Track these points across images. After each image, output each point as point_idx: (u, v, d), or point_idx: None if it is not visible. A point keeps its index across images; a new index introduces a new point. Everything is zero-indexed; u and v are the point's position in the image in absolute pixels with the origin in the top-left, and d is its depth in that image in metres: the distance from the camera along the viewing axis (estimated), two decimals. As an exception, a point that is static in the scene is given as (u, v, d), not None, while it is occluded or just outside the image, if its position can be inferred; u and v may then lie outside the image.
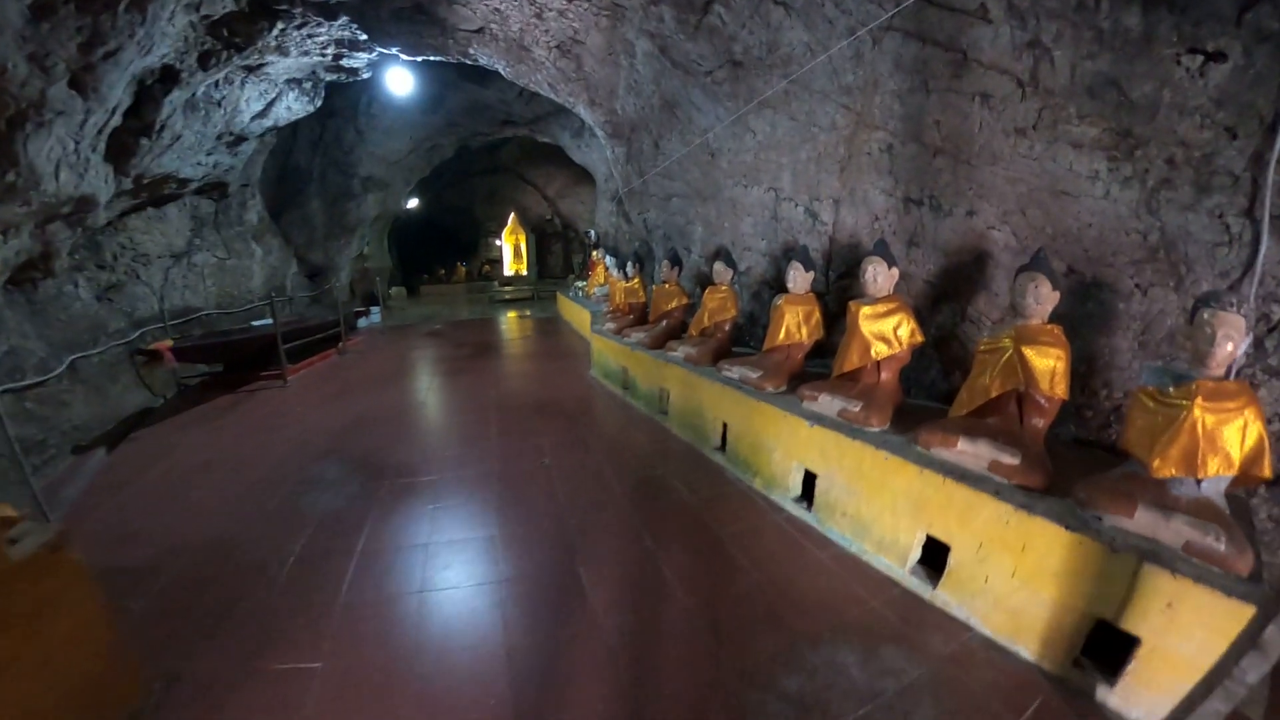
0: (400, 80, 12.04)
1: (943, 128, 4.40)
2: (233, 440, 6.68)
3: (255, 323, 12.37)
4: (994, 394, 3.70)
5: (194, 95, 9.93)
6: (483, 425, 6.93)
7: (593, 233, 17.59)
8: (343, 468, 5.68)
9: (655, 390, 6.68)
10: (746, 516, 4.56)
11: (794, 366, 5.36)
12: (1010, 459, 3.35)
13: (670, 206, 7.93)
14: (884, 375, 4.56)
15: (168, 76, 8.21)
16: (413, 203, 20.15)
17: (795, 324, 5.27)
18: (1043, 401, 3.62)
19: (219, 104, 10.61)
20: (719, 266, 6.20)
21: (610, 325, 8.16)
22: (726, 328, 6.27)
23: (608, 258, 11.40)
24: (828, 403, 4.49)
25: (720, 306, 6.20)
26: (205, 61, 8.57)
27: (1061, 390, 3.51)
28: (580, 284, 15.15)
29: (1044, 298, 3.61)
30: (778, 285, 6.10)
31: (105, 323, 11.29)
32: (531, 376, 9.29)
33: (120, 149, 8.58)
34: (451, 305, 20.23)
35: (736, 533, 4.31)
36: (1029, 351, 3.56)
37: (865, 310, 4.49)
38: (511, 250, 25.30)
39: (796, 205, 5.94)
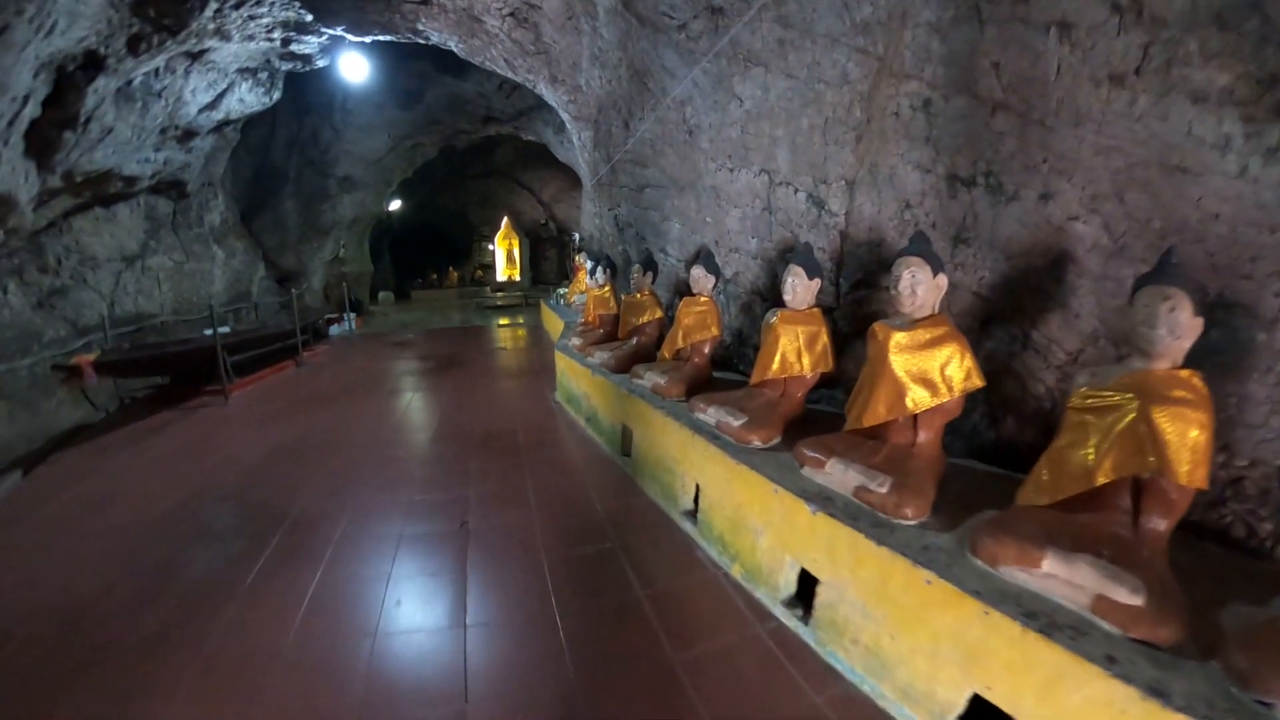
0: (355, 66, 10.69)
1: (1004, 74, 2.97)
2: (146, 470, 5.79)
3: (209, 331, 10.99)
4: (1103, 479, 2.25)
5: (129, 85, 8.72)
6: (412, 464, 5.63)
7: (578, 236, 16.24)
8: (241, 515, 4.66)
9: (618, 427, 5.23)
10: (719, 626, 3.11)
11: (792, 409, 3.93)
12: (1129, 596, 1.94)
13: (643, 199, 6.57)
14: (922, 435, 3.08)
15: (91, 63, 7.16)
16: (396, 204, 18.83)
17: (794, 351, 3.84)
18: (1174, 495, 2.22)
19: (159, 95, 9.33)
20: (698, 272, 4.77)
21: (575, 341, 6.74)
22: (706, 350, 4.84)
23: (587, 262, 10.04)
24: (840, 474, 2.98)
25: (698, 323, 4.76)
26: (135, 46, 7.40)
27: (1202, 477, 2.10)
28: (562, 291, 13.70)
29: (1183, 328, 2.21)
30: (773, 297, 4.66)
31: (40, 331, 10.05)
32: (488, 399, 7.90)
33: (42, 143, 7.51)
34: (436, 312, 18.85)
35: (701, 656, 2.87)
36: (1160, 416, 2.15)
37: (899, 338, 3.03)
38: (505, 255, 24.09)
39: (796, 191, 4.49)
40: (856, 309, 4.18)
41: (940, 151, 3.40)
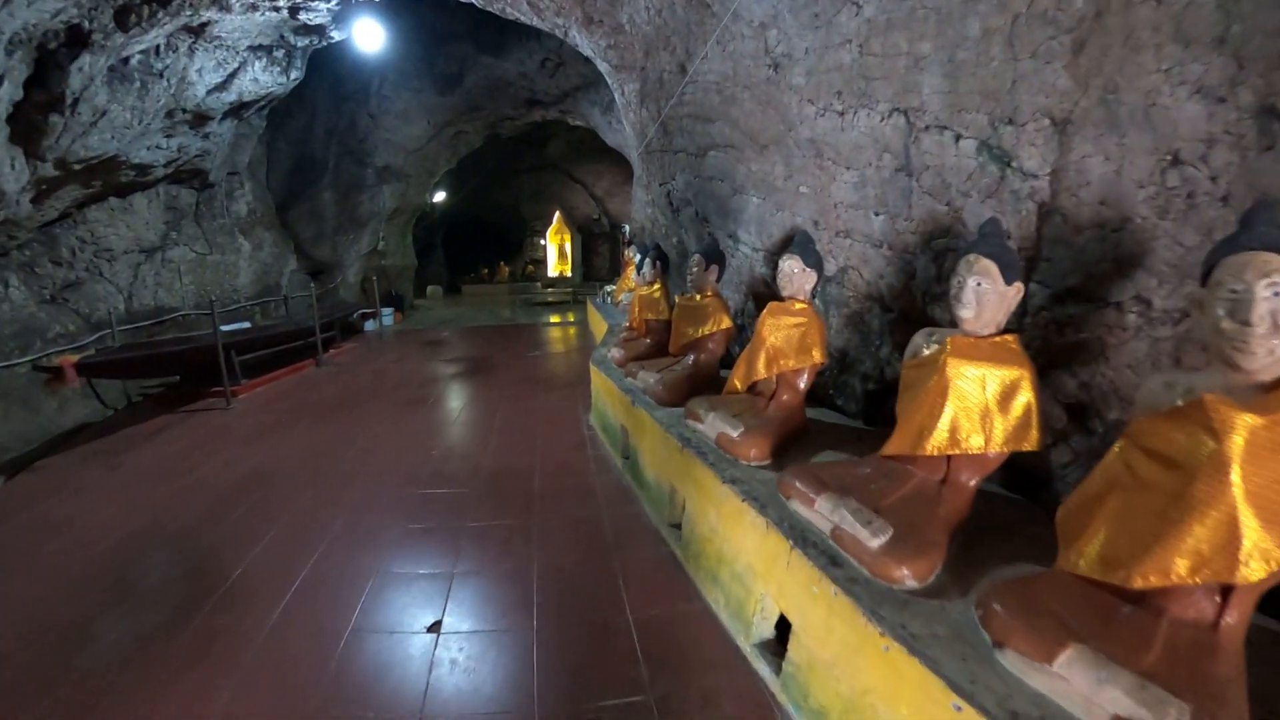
0: (370, 34, 9.11)
1: None
2: (114, 489, 4.95)
3: (226, 327, 9.63)
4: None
5: (126, 64, 7.44)
6: (396, 514, 4.13)
7: (627, 227, 14.54)
8: (178, 568, 3.58)
9: (665, 487, 3.51)
10: None
11: (958, 509, 2.25)
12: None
13: (705, 166, 4.82)
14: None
15: (75, 39, 6.19)
16: (441, 196, 17.37)
17: (975, 410, 2.17)
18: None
19: (160, 75, 8.05)
20: (790, 266, 3.05)
21: (615, 353, 5.02)
22: (801, 383, 3.13)
23: (636, 255, 8.31)
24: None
25: (792, 343, 3.07)
26: (124, 20, 6.36)
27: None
28: (609, 289, 11.93)
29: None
30: (904, 306, 2.86)
31: (44, 326, 8.90)
32: (510, 417, 6.29)
33: (28, 128, 6.67)
34: (483, 308, 17.40)
35: None
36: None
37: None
38: (556, 250, 22.58)
39: (959, 138, 2.68)
40: (1056, 333, 2.36)
41: (1246, 64, 1.61)
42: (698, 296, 4.09)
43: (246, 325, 9.89)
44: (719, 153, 4.41)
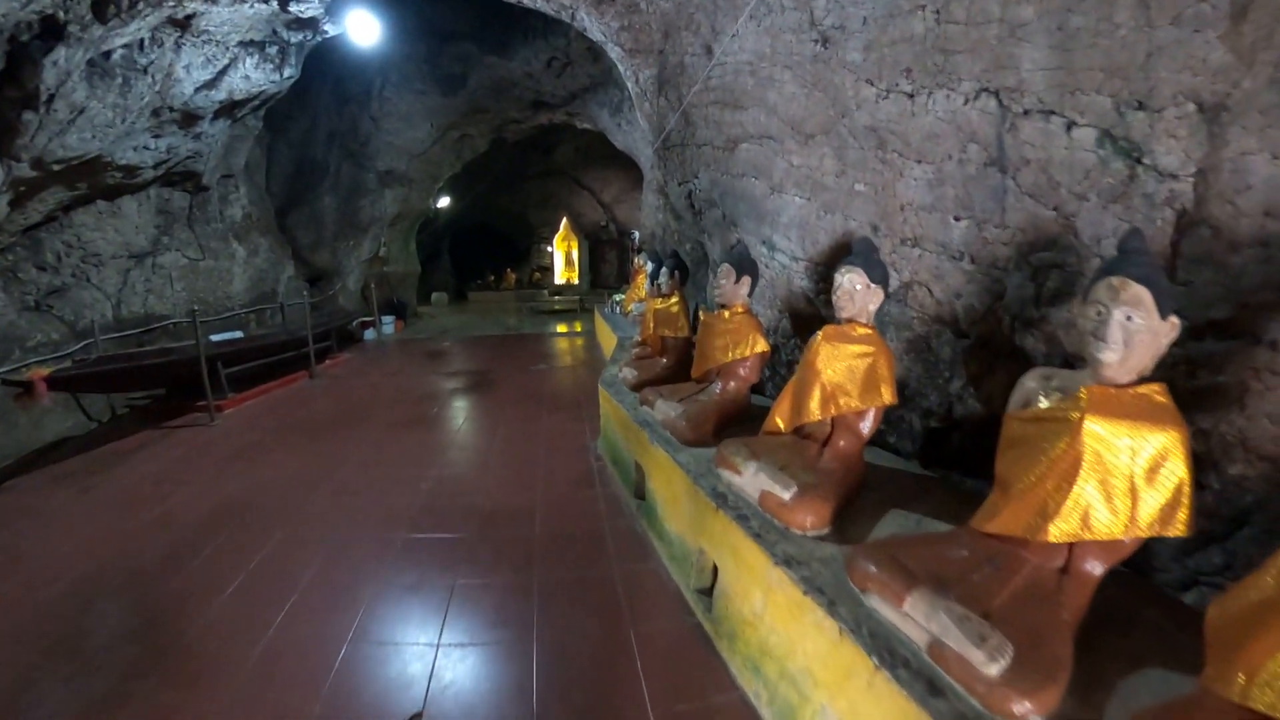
0: (364, 27, 8.57)
1: None
2: (76, 518, 4.49)
3: (216, 336, 9.11)
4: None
5: (108, 58, 6.91)
6: (376, 561, 3.56)
7: (636, 234, 13.95)
8: (127, 625, 3.04)
9: (692, 549, 2.93)
10: None
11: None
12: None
13: (735, 162, 4.11)
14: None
15: (50, 31, 5.78)
16: (445, 202, 16.84)
17: (1122, 491, 1.62)
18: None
19: (144, 71, 7.54)
20: (852, 281, 2.51)
21: (627, 373, 4.44)
22: (865, 427, 2.49)
23: (648, 263, 7.77)
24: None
25: (856, 378, 2.51)
26: (102, 11, 5.94)
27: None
28: (618, 297, 11.32)
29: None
30: (985, 333, 2.27)
31: (24, 335, 8.38)
32: (511, 443, 5.71)
33: (1, 127, 6.27)
34: (488, 316, 16.85)
35: None
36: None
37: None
38: (563, 257, 22.02)
39: (1072, 126, 2.08)
40: (1187, 375, 1.87)
41: None
42: (726, 313, 3.49)
43: (238, 335, 9.35)
44: (752, 145, 3.80)
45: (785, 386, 2.75)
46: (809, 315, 3.64)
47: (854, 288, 2.44)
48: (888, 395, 2.32)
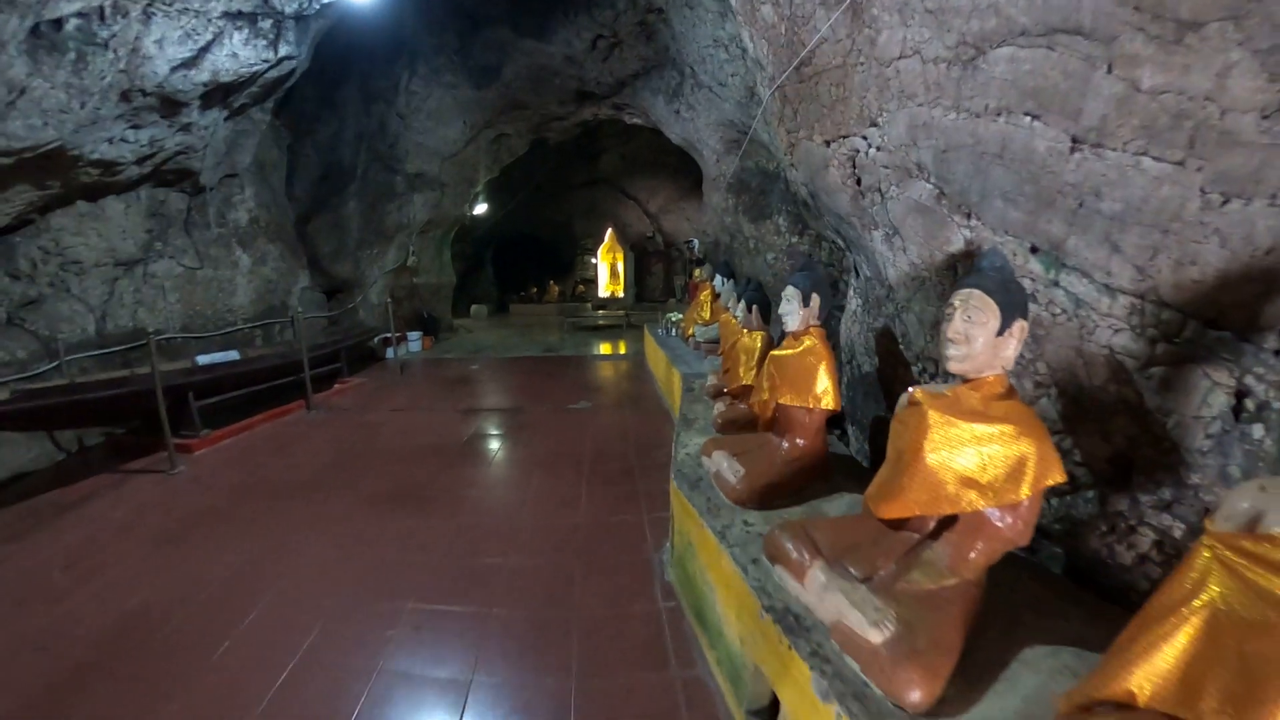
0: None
1: None
2: None
3: (206, 357, 7.56)
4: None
5: (58, 28, 5.59)
6: None
7: (695, 242, 12.08)
8: None
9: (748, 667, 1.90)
10: None
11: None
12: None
13: (978, 87, 1.90)
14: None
15: None
16: (482, 209, 15.17)
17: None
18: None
19: (105, 45, 6.11)
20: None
21: (724, 466, 2.62)
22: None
23: (718, 278, 5.93)
24: None
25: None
26: None
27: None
28: (675, 317, 9.35)
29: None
30: None
31: (-17, 355, 6.96)
32: (535, 545, 3.84)
33: None
34: (527, 332, 15.14)
35: None
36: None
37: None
38: (608, 270, 20.36)
39: None
40: None
41: None
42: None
43: (233, 356, 7.76)
44: (1029, 49, 1.73)
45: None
46: (1111, 402, 1.73)
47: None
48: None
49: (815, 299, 2.66)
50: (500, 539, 3.74)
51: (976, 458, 1.64)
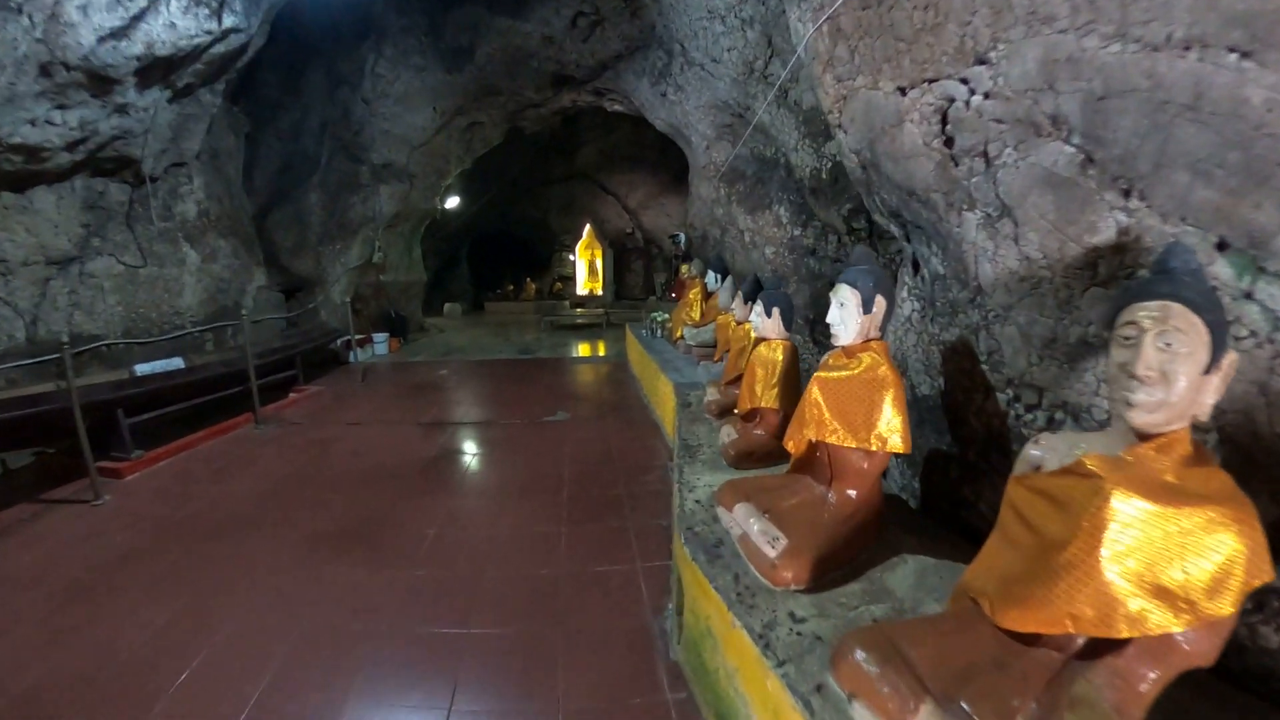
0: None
1: None
2: None
3: (145, 367, 6.79)
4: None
5: None
6: None
7: (681, 236, 11.45)
8: None
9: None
10: None
11: None
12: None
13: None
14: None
15: None
16: (454, 202, 14.38)
17: None
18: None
19: (19, 10, 5.36)
20: None
21: (751, 520, 1.92)
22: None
23: (710, 274, 5.31)
24: None
25: None
26: None
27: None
28: (660, 317, 8.69)
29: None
30: None
31: (-122, 367, 6.20)
32: (500, 608, 3.16)
33: None
34: (502, 331, 14.41)
35: None
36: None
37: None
38: (586, 267, 19.76)
39: None
40: None
41: None
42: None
43: (177, 364, 6.97)
44: None
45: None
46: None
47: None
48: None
49: (880, 303, 2.05)
50: (463, 598, 3.07)
51: (1173, 559, 1.11)
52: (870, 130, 2.22)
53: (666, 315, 8.42)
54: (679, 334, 6.66)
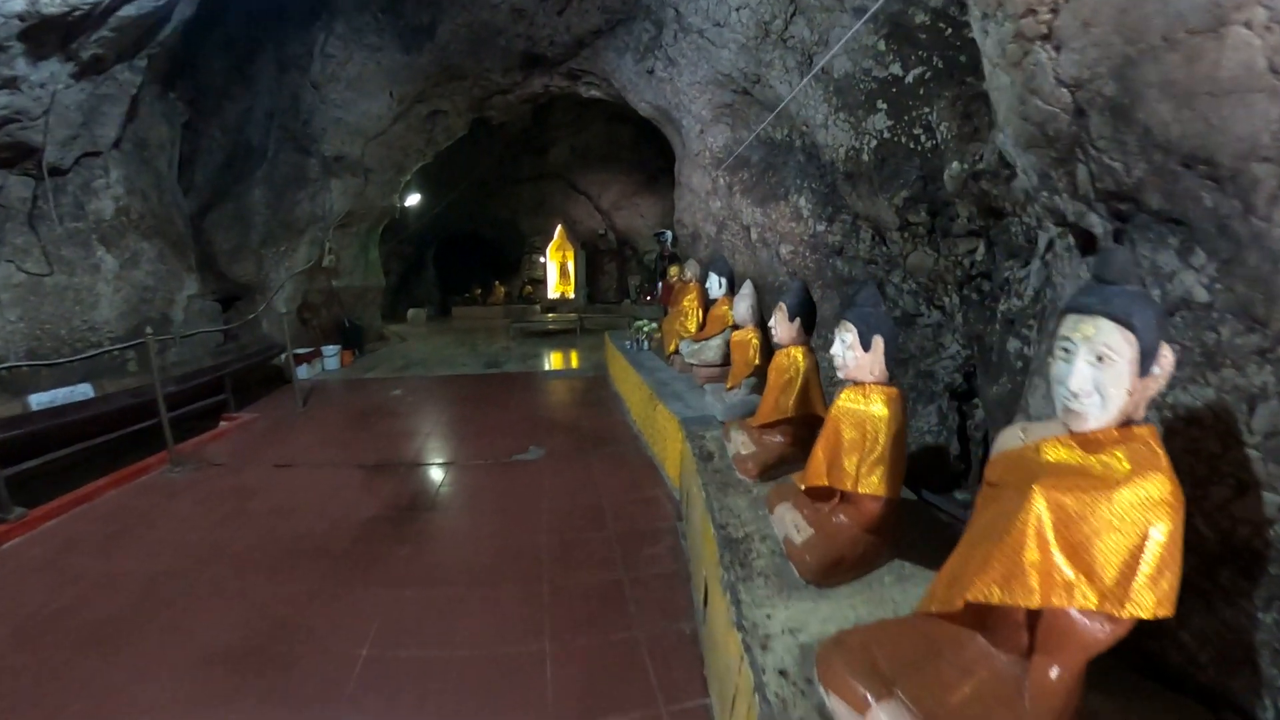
0: None
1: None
2: None
3: (42, 396, 5.75)
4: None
5: None
6: None
7: (668, 234, 10.53)
8: None
9: None
10: None
11: None
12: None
13: None
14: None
15: None
16: (415, 199, 13.32)
17: None
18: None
19: None
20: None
21: (896, 708, 1.21)
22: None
23: (712, 278, 4.40)
24: None
25: None
26: None
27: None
28: (646, 325, 7.70)
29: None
30: None
31: None
32: None
33: None
34: (468, 340, 13.39)
35: None
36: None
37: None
38: (557, 269, 18.87)
39: None
40: None
41: None
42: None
43: (85, 392, 5.88)
44: None
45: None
46: None
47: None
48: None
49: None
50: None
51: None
52: (1133, 41, 1.26)
53: (654, 323, 7.44)
54: (672, 348, 5.67)
